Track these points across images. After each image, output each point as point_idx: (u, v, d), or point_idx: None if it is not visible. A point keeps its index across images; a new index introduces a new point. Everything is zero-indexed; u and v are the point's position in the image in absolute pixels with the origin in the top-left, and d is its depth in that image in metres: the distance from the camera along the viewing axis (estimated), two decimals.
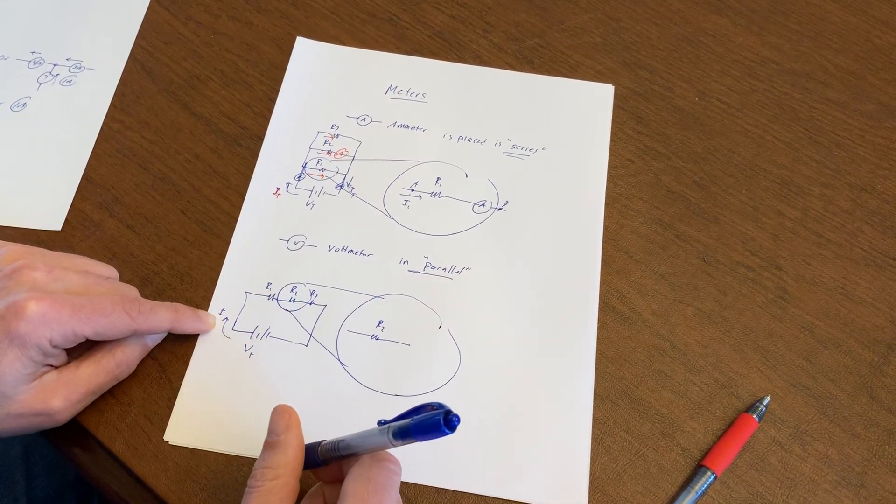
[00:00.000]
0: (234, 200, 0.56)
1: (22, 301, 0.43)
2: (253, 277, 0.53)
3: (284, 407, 0.42)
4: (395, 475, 0.39)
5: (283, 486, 0.39)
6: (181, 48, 0.62)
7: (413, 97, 0.60)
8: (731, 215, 0.56)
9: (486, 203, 0.56)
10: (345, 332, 0.51)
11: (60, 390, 0.45)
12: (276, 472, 0.40)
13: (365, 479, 0.38)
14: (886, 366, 0.51)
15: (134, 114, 0.59)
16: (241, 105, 0.60)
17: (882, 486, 0.47)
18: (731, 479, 0.47)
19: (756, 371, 0.50)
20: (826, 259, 0.54)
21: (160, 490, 0.46)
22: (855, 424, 0.49)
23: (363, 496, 0.38)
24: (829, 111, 0.60)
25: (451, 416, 0.35)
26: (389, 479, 0.39)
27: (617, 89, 0.60)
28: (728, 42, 0.63)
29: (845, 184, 0.57)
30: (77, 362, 0.46)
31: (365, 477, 0.39)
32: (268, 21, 0.63)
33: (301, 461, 0.41)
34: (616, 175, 0.57)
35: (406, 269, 0.53)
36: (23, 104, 0.59)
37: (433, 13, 0.64)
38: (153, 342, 0.49)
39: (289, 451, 0.41)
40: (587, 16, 0.64)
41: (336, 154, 0.58)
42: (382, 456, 0.40)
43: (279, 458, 0.40)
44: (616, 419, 0.49)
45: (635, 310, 0.52)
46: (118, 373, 0.47)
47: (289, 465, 0.40)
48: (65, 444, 0.48)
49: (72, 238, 0.54)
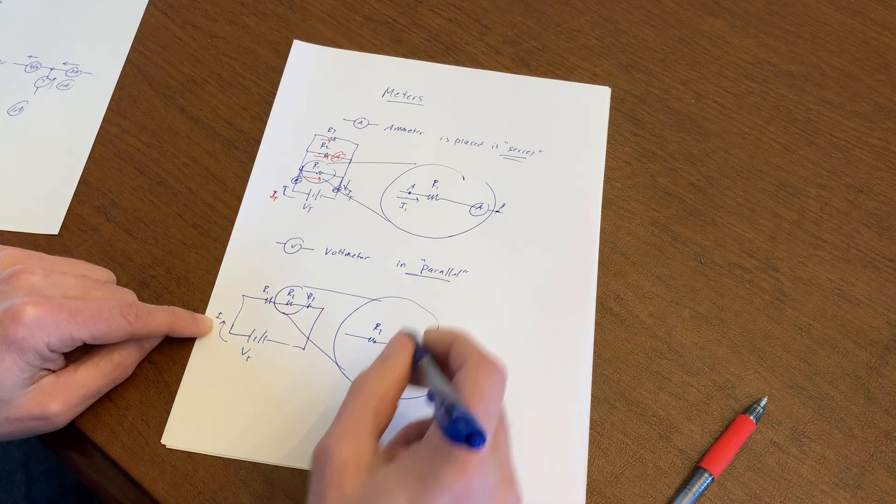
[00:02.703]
0: (231, 204, 0.56)
1: (19, 305, 0.43)
2: (250, 281, 0.53)
3: (405, 336, 0.44)
4: (500, 381, 0.40)
5: (383, 394, 0.40)
6: (178, 52, 0.62)
7: (410, 100, 0.60)
8: (727, 217, 0.56)
9: (483, 205, 0.56)
10: (342, 335, 0.51)
11: (58, 394, 0.45)
12: (383, 381, 0.41)
13: (471, 384, 0.39)
14: (883, 367, 0.51)
15: (131, 118, 0.59)
16: (237, 108, 0.60)
17: (879, 487, 0.47)
18: (728, 481, 0.47)
19: (753, 372, 0.50)
20: (823, 260, 0.54)
21: (158, 494, 0.46)
22: (852, 425, 0.49)
23: (468, 401, 0.38)
24: (825, 113, 0.60)
25: (473, 439, 0.35)
26: (494, 386, 0.39)
27: (613, 91, 0.60)
28: (724, 44, 0.63)
29: (842, 185, 0.57)
30: (75, 366, 0.46)
31: (471, 382, 0.39)
32: (264, 24, 0.64)
33: (406, 379, 0.42)
34: (613, 177, 0.57)
35: (403, 271, 0.53)
36: (20, 108, 0.59)
37: (430, 16, 0.64)
38: (151, 345, 0.49)
39: (398, 365, 0.42)
40: (583, 18, 0.64)
41: (333, 157, 0.58)
42: (488, 363, 0.40)
43: (388, 366, 0.41)
44: (613, 421, 0.49)
45: (632, 312, 0.52)
46: (116, 376, 0.47)
47: (395, 376, 0.41)
48: (62, 448, 0.48)
49: (69, 242, 0.54)
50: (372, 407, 0.40)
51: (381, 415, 0.40)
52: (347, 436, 0.38)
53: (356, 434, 0.38)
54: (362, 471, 0.37)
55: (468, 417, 0.35)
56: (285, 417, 0.48)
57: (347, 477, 0.37)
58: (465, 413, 0.35)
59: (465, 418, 0.35)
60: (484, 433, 0.34)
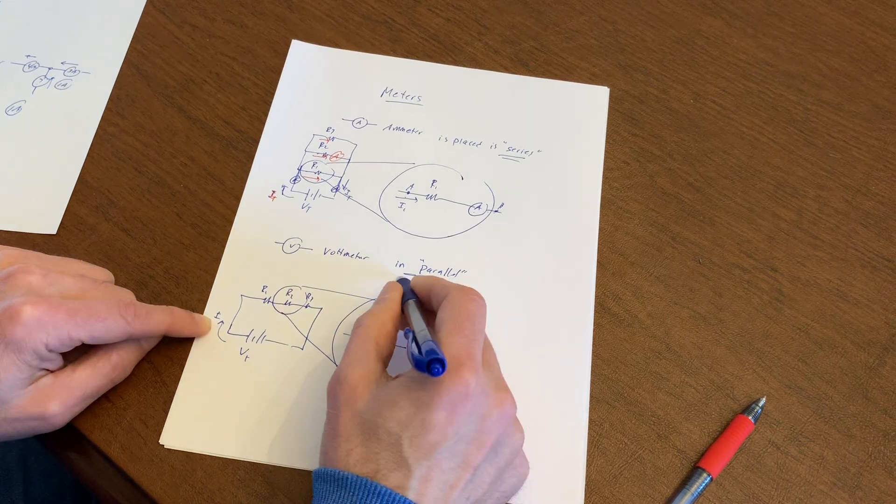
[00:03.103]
0: (230, 203, 0.56)
1: (17, 305, 0.43)
2: (248, 280, 0.53)
3: (395, 282, 0.50)
4: (482, 305, 0.45)
5: (381, 326, 0.46)
6: (176, 51, 0.62)
7: (408, 100, 0.60)
8: (726, 217, 0.56)
9: (481, 205, 0.56)
10: (341, 334, 0.51)
11: (57, 394, 0.44)
12: (378, 317, 0.46)
13: (458, 308, 0.44)
14: (882, 367, 0.51)
15: (129, 117, 0.59)
16: (236, 108, 0.60)
17: (878, 487, 0.47)
18: (726, 481, 0.47)
19: (751, 372, 0.50)
20: (821, 260, 0.54)
21: (156, 494, 0.46)
22: (850, 425, 0.49)
23: (457, 321, 0.43)
24: (823, 113, 0.60)
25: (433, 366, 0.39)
26: (478, 308, 0.45)
27: (612, 91, 0.60)
28: (723, 44, 0.63)
29: (840, 185, 0.57)
30: (73, 366, 0.46)
31: (457, 306, 0.44)
32: (263, 24, 0.63)
33: (398, 314, 0.47)
34: (611, 177, 0.57)
35: (402, 271, 0.53)
36: (18, 108, 0.59)
37: (428, 16, 0.64)
38: (149, 345, 0.49)
39: (390, 303, 0.48)
40: (582, 18, 0.64)
41: (332, 157, 0.58)
42: (468, 290, 0.46)
43: (382, 306, 0.47)
44: (612, 421, 0.49)
45: (631, 312, 0.52)
46: (114, 376, 0.47)
47: (389, 311, 0.47)
48: (60, 448, 0.48)
49: (67, 242, 0.54)
50: (373, 337, 0.45)
51: (381, 344, 0.45)
52: (355, 362, 0.43)
53: (363, 360, 0.43)
54: (371, 388, 0.42)
55: (432, 347, 0.40)
56: (284, 417, 0.48)
57: (359, 395, 0.42)
58: (430, 344, 0.40)
59: (429, 348, 0.40)
60: (444, 361, 0.39)
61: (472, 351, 0.41)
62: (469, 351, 0.41)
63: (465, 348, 0.41)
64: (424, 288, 0.48)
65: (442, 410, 0.39)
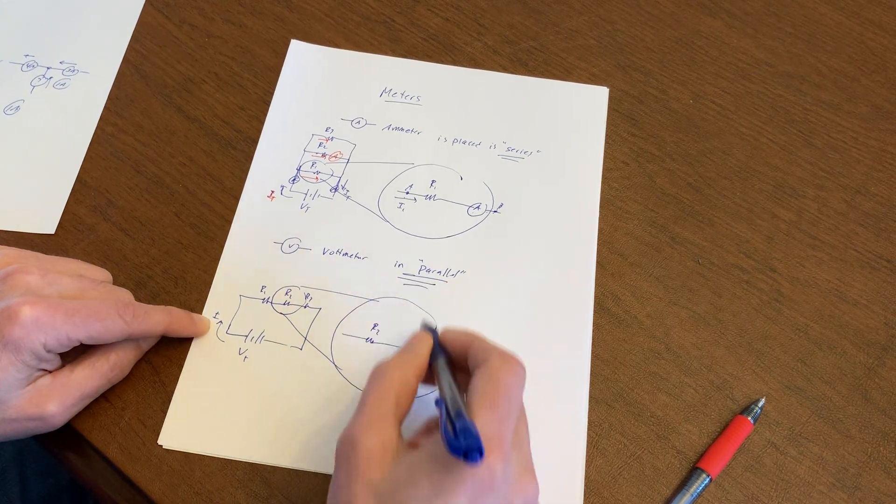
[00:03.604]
0: (229, 203, 0.56)
1: (15, 305, 0.43)
2: (247, 281, 0.53)
3: (424, 331, 0.45)
4: (522, 378, 0.41)
5: (404, 383, 0.41)
6: (175, 51, 0.62)
7: (407, 100, 0.60)
8: (725, 217, 0.56)
9: (480, 206, 0.56)
10: (339, 335, 0.51)
11: (55, 395, 0.44)
12: (403, 371, 0.42)
13: (495, 380, 0.40)
14: (881, 367, 0.51)
15: (128, 117, 0.59)
16: (235, 108, 0.60)
17: (877, 487, 0.47)
18: (726, 482, 0.47)
19: (751, 373, 0.50)
20: (820, 261, 0.54)
21: (154, 494, 0.46)
22: (850, 426, 0.49)
23: (493, 396, 0.39)
24: (822, 113, 0.60)
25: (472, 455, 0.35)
26: (516, 382, 0.40)
27: (611, 92, 0.60)
28: (722, 44, 0.63)
29: (839, 186, 0.57)
30: (71, 366, 0.46)
31: (495, 377, 0.40)
32: (262, 24, 0.63)
33: (424, 369, 0.43)
34: (610, 177, 0.57)
35: (401, 271, 0.53)
36: (16, 107, 0.59)
37: (427, 16, 0.64)
38: (147, 346, 0.49)
39: (418, 358, 0.43)
40: (581, 18, 0.64)
41: (331, 157, 0.58)
42: (510, 358, 0.41)
43: (408, 358, 0.43)
44: (611, 422, 0.49)
45: (630, 312, 0.52)
46: (112, 376, 0.47)
47: (415, 365, 0.42)
48: (58, 448, 0.48)
49: (65, 242, 0.54)
50: (394, 395, 0.40)
51: (402, 403, 0.41)
52: (373, 424, 0.39)
53: (381, 422, 0.39)
54: (388, 459, 0.38)
55: (469, 430, 0.35)
56: (283, 418, 0.48)
57: (374, 465, 0.38)
58: (467, 425, 0.35)
59: (466, 431, 0.35)
60: (483, 449, 0.35)
61: (504, 434, 0.38)
62: (500, 433, 0.38)
63: (497, 430, 0.38)
64: (460, 344, 0.44)
65: (463, 497, 0.36)
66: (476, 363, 0.42)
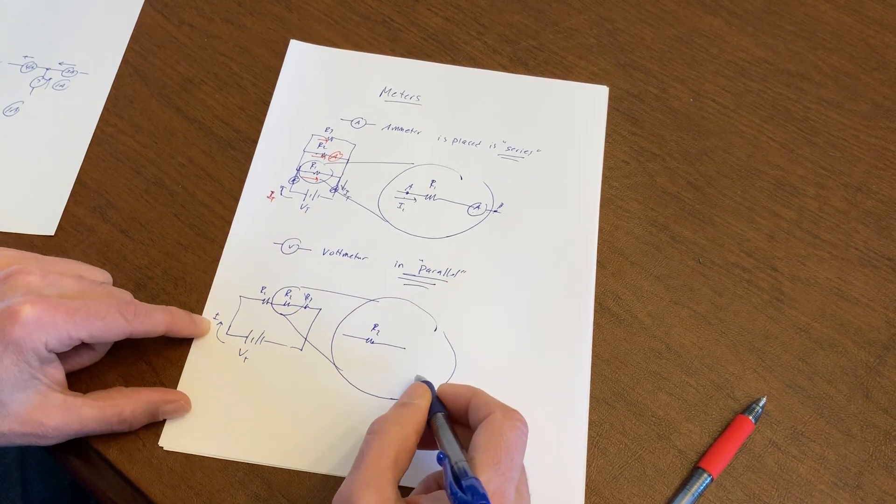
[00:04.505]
0: (228, 204, 0.56)
1: (16, 305, 0.43)
2: (247, 281, 0.53)
3: (422, 384, 0.45)
4: (524, 434, 0.41)
5: (404, 440, 0.40)
6: (174, 51, 0.62)
7: (407, 99, 0.60)
8: (726, 216, 0.56)
9: (480, 205, 0.56)
10: (340, 335, 0.51)
11: (60, 413, 0.44)
12: (403, 427, 0.41)
13: (497, 436, 0.39)
14: (882, 366, 0.51)
15: (127, 118, 0.59)
16: (234, 108, 0.59)
17: (879, 486, 0.47)
18: (727, 481, 0.47)
19: (752, 372, 0.50)
20: (821, 259, 0.54)
21: (155, 496, 0.46)
22: (851, 425, 0.49)
23: (495, 452, 0.39)
24: (823, 111, 0.60)
25: None
26: (519, 438, 0.40)
27: (611, 90, 0.60)
28: (722, 43, 0.63)
29: (840, 184, 0.57)
30: (84, 399, 0.45)
31: (498, 433, 0.39)
32: (261, 24, 0.63)
33: (424, 424, 0.42)
34: (611, 176, 0.57)
35: (401, 272, 0.53)
36: (15, 109, 0.59)
37: (427, 15, 0.64)
38: (164, 414, 0.48)
39: (418, 412, 0.42)
40: (581, 17, 0.64)
41: (330, 157, 0.58)
42: (513, 414, 0.41)
43: (408, 413, 0.42)
44: (612, 421, 0.49)
45: (631, 311, 0.52)
46: (116, 428, 0.46)
47: (414, 422, 0.41)
48: (59, 450, 0.48)
49: (65, 243, 0.54)
50: (392, 453, 0.39)
51: (401, 461, 0.40)
52: (370, 484, 0.38)
53: (378, 482, 0.38)
54: None
55: (477, 489, 0.36)
56: (283, 419, 0.48)
57: None
58: (475, 484, 0.36)
59: (474, 489, 0.35)
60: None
61: (506, 492, 0.38)
62: (503, 491, 0.38)
63: (500, 486, 0.38)
64: (460, 398, 0.44)
65: None
66: (478, 418, 0.41)
